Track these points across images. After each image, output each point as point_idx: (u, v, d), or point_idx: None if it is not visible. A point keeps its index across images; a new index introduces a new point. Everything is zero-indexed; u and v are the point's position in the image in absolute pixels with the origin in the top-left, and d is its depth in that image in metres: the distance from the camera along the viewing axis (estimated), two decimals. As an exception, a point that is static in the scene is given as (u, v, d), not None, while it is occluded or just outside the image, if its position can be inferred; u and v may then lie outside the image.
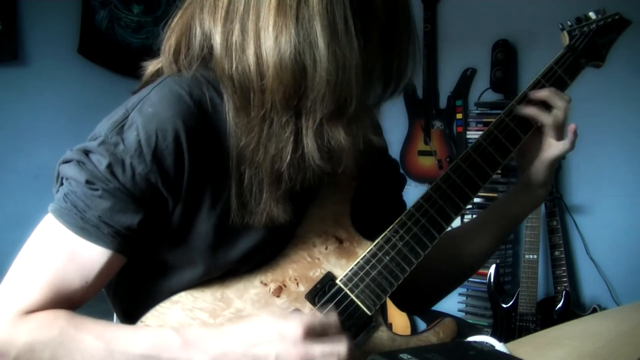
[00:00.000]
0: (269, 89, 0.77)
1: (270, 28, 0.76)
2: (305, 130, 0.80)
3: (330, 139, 0.80)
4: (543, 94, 1.04)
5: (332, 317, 0.80)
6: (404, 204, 1.11)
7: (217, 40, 0.80)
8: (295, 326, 0.77)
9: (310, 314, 0.85)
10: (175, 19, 0.87)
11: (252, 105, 0.79)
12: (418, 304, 1.19)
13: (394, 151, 2.94)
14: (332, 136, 0.80)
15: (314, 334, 0.78)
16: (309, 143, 0.80)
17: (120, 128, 0.81)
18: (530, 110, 1.04)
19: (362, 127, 0.82)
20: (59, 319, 0.79)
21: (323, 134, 0.80)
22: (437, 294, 1.18)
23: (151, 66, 0.91)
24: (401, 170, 1.15)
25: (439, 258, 1.03)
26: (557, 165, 1.05)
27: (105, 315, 1.10)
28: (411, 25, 0.88)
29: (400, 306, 1.16)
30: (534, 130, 1.05)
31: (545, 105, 1.05)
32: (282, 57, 0.75)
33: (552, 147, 1.05)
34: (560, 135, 1.04)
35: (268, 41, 0.76)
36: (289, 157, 0.80)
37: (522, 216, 1.14)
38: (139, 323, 0.86)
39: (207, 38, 0.82)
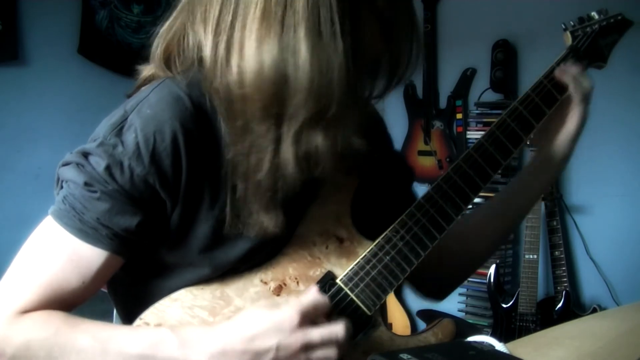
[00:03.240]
0: (249, 98, 0.77)
1: (253, 37, 0.75)
2: (284, 137, 0.78)
3: (307, 143, 0.78)
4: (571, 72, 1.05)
5: (320, 296, 0.82)
6: (414, 197, 1.09)
7: (207, 53, 0.80)
8: (290, 314, 0.77)
9: (300, 298, 0.83)
10: (165, 25, 0.87)
11: (236, 116, 0.79)
12: (439, 288, 1.19)
13: (394, 151, 2.94)
14: (309, 140, 0.78)
15: (308, 318, 0.78)
16: (287, 150, 0.78)
17: (119, 130, 0.81)
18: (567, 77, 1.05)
19: (342, 129, 0.80)
20: (54, 318, 0.79)
21: (301, 139, 0.78)
22: (458, 276, 1.20)
23: (145, 70, 0.91)
24: (408, 164, 1.15)
25: (456, 245, 1.06)
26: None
27: (105, 315, 1.10)
28: (412, 12, 0.87)
29: (422, 289, 1.16)
30: (557, 107, 1.06)
31: (559, 88, 1.06)
32: (262, 66, 0.75)
33: (577, 117, 1.08)
34: (586, 105, 1.08)
35: (249, 50, 0.76)
36: (268, 165, 0.79)
37: (540, 193, 1.16)
38: (137, 320, 0.86)
39: (199, 50, 0.82)
